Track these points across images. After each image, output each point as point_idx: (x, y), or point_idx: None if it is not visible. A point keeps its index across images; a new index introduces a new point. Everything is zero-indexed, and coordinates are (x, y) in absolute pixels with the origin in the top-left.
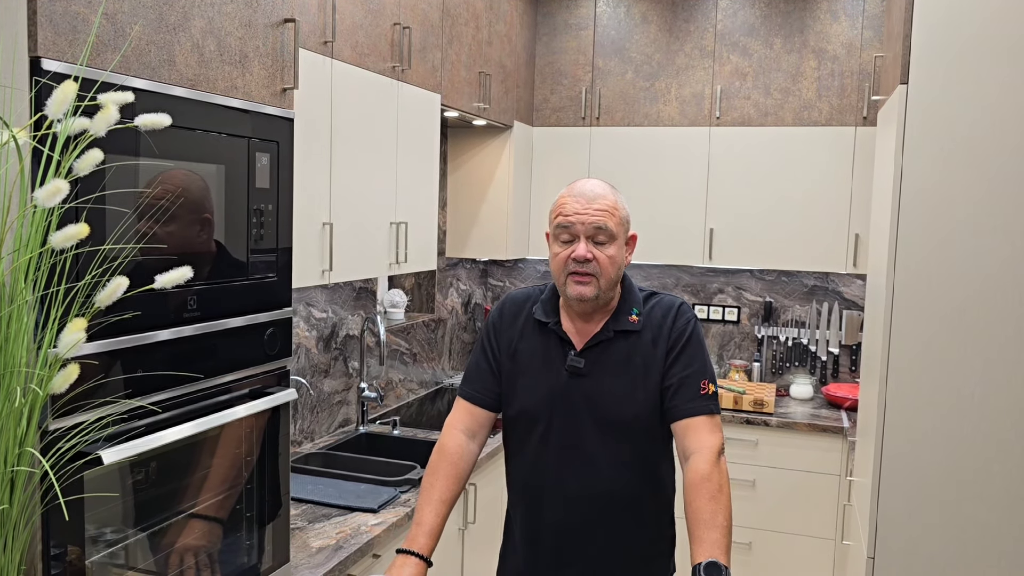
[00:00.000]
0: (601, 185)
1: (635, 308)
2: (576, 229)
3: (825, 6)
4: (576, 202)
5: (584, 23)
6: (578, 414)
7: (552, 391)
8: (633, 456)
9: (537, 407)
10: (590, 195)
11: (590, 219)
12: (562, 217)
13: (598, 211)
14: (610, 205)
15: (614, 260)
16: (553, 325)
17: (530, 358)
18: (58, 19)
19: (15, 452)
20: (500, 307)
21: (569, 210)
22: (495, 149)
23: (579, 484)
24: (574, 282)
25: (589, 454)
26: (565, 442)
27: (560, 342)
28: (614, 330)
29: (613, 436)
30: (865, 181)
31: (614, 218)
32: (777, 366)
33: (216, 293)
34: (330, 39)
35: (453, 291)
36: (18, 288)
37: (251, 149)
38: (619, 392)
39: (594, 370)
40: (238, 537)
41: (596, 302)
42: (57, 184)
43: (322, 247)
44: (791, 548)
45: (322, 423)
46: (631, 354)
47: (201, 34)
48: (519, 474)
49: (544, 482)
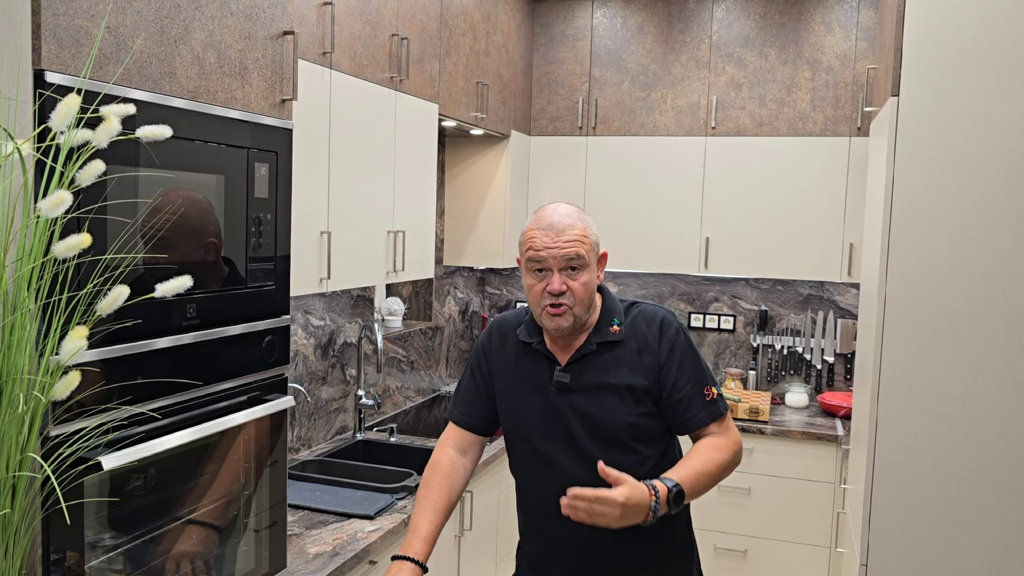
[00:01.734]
0: (568, 213)
1: (615, 319)
2: (548, 263)
3: (819, 18)
4: (545, 235)
5: (581, 34)
6: (573, 429)
7: (543, 408)
8: (635, 464)
9: (531, 426)
10: (559, 226)
11: (561, 252)
12: (533, 252)
13: (568, 242)
14: (579, 235)
15: (587, 286)
16: (537, 344)
17: (520, 379)
18: (61, 32)
19: (17, 458)
20: (489, 332)
21: (539, 244)
22: (492, 158)
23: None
24: (550, 315)
25: (590, 468)
26: (565, 459)
27: (546, 360)
28: (596, 343)
29: (610, 446)
30: (859, 191)
31: (584, 246)
32: (772, 374)
33: (215, 301)
34: (329, 50)
35: (450, 299)
36: (21, 297)
37: (250, 159)
38: (608, 403)
39: (580, 383)
40: (235, 543)
41: (573, 326)
42: (60, 195)
43: (320, 255)
44: (786, 556)
45: (319, 430)
46: (616, 364)
47: (202, 47)
48: (524, 497)
49: (548, 500)
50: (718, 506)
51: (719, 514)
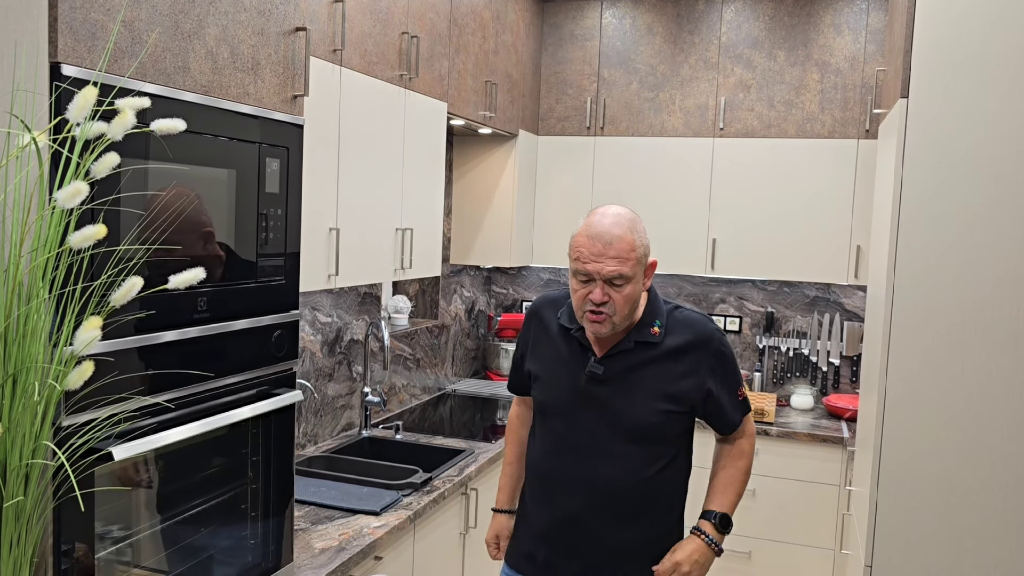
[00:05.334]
0: (619, 222)
1: (658, 320)
2: (592, 276)
3: (829, 19)
4: (593, 246)
5: (590, 34)
6: (593, 417)
7: (571, 393)
8: (645, 458)
9: (556, 404)
10: (607, 238)
11: (606, 269)
12: (579, 263)
13: (613, 259)
14: (626, 249)
15: (630, 297)
16: (575, 332)
17: (555, 357)
18: (78, 26)
19: (31, 446)
20: (533, 310)
21: (586, 256)
22: (500, 157)
23: (588, 478)
24: (590, 320)
25: (601, 454)
26: (579, 441)
27: (582, 348)
28: (635, 340)
29: (625, 439)
30: (867, 193)
31: (629, 262)
32: (778, 376)
33: (225, 295)
34: (339, 47)
35: (457, 298)
36: (36, 287)
37: (261, 154)
38: (635, 400)
39: (612, 378)
40: (242, 536)
41: (612, 331)
42: (77, 186)
43: (328, 252)
44: (791, 557)
45: (325, 427)
46: (650, 364)
47: (215, 42)
48: (534, 457)
49: (556, 472)
50: None
51: None
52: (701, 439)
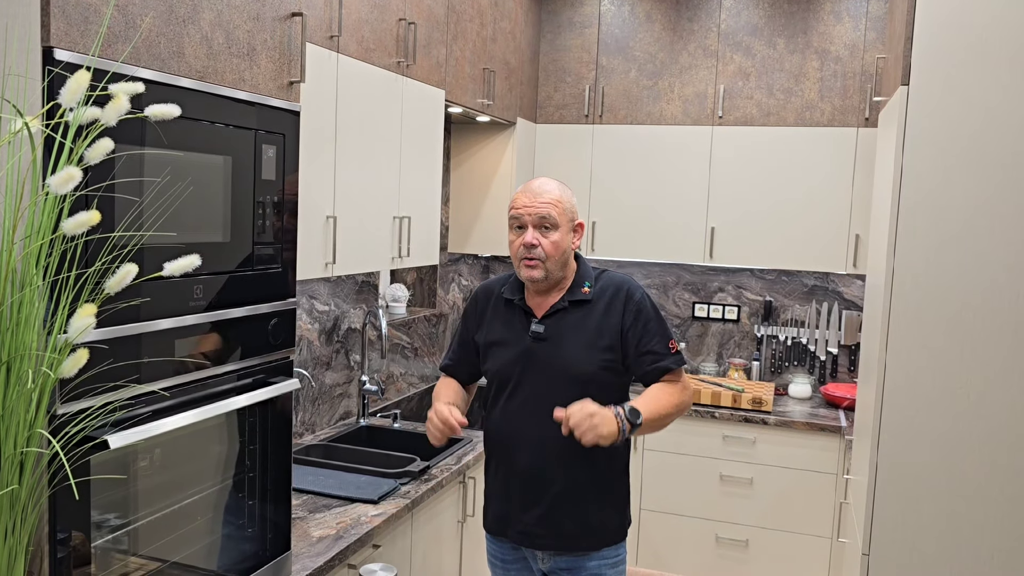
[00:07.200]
0: (549, 182)
1: (587, 282)
2: (524, 219)
3: (828, 7)
4: (525, 196)
5: (588, 21)
6: (542, 372)
7: (519, 354)
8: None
9: (507, 368)
10: (537, 190)
11: (535, 210)
12: (514, 210)
13: (543, 203)
14: (554, 198)
15: (558, 245)
16: (518, 301)
17: (501, 328)
18: (71, 10)
19: (25, 434)
20: (475, 296)
21: (519, 204)
22: (498, 145)
23: (542, 431)
24: (525, 266)
25: (551, 405)
26: (530, 396)
27: (524, 314)
28: (569, 300)
29: (571, 389)
30: (866, 182)
31: (557, 208)
32: (776, 365)
33: (222, 283)
34: (336, 33)
35: (454, 286)
36: (29, 274)
37: (257, 141)
38: (575, 352)
39: (553, 334)
40: (240, 524)
41: (547, 281)
42: (70, 171)
43: (326, 240)
44: (788, 546)
45: (323, 415)
46: (585, 320)
47: (210, 27)
48: (493, 426)
49: (512, 432)
50: (720, 496)
51: (721, 504)
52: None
